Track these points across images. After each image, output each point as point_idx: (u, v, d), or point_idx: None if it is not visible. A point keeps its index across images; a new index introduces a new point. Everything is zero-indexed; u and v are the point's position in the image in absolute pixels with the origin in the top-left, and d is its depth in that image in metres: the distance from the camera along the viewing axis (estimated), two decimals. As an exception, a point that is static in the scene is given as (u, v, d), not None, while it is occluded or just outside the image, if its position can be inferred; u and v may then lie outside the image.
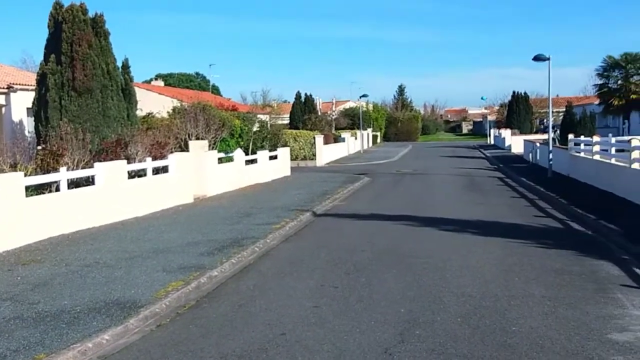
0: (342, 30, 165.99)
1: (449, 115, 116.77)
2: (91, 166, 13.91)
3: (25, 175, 12.08)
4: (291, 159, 29.86)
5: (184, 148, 19.43)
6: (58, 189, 12.70)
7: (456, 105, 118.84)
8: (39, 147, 14.84)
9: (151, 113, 23.63)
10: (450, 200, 18.05)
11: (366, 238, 11.98)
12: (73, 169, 13.66)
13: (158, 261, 9.68)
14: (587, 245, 10.84)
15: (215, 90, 67.29)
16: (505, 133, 51.94)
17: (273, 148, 27.45)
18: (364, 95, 54.13)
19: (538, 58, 24.00)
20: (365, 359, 5.79)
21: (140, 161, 15.73)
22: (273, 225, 13.09)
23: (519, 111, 61.67)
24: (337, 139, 44.42)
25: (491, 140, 61.81)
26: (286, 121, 49.13)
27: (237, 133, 26.29)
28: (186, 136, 20.78)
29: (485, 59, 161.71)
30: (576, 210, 14.67)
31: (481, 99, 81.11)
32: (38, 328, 6.54)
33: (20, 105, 20.91)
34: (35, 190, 12.49)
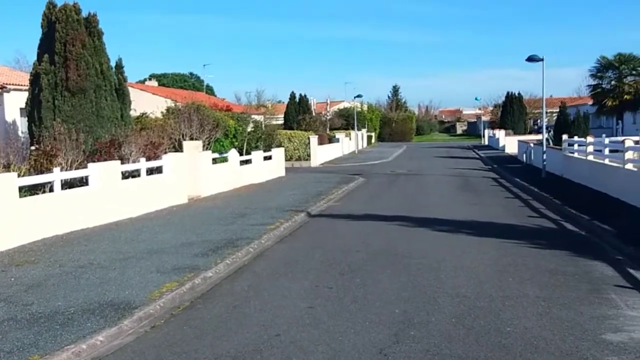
0: (342, 31, 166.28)
1: (443, 116, 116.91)
2: (85, 167, 13.86)
3: (19, 175, 12.03)
4: (286, 160, 29.90)
5: (178, 148, 19.39)
6: (52, 190, 12.65)
7: (450, 106, 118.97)
8: (33, 148, 14.76)
9: (145, 113, 23.52)
10: (445, 201, 18.08)
11: (361, 239, 11.98)
12: (67, 170, 13.59)
13: (152, 262, 9.65)
14: (581, 246, 10.87)
15: (210, 91, 67.24)
16: (499, 134, 52.05)
17: (267, 148, 27.44)
18: (358, 96, 54.02)
19: (532, 59, 24.02)
20: (360, 360, 5.79)
21: (134, 162, 15.68)
22: (268, 226, 13.08)
23: (512, 112, 61.88)
24: (332, 140, 44.44)
25: (485, 141, 61.99)
26: (280, 121, 49.13)
27: (232, 133, 26.24)
28: (180, 136, 20.72)
29: (482, 60, 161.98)
30: (570, 211, 14.72)
31: (475, 99, 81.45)
32: (32, 329, 6.52)
33: (14, 105, 20.80)
34: (28, 190, 12.43)
